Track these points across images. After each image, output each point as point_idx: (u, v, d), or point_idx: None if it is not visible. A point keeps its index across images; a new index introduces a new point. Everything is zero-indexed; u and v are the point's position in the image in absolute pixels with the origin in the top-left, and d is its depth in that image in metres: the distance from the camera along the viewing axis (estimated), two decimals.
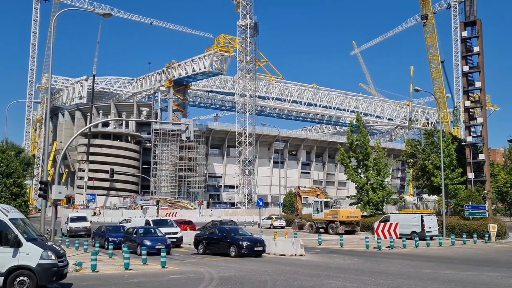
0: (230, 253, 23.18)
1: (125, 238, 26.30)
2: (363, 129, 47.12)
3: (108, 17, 24.27)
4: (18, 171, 25.17)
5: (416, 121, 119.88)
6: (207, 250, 24.77)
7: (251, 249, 23.03)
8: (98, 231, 30.43)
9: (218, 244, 24.31)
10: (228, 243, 23.59)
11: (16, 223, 12.87)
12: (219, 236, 24.59)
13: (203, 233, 26.76)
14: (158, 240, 24.85)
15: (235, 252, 23.00)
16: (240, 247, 22.96)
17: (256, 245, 23.26)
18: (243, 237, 23.97)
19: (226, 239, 23.94)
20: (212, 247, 24.68)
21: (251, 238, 24.19)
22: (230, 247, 23.38)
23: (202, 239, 25.44)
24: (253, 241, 23.67)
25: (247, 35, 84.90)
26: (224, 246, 23.88)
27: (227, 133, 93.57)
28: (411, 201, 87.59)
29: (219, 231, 25.31)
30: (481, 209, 35.16)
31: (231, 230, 25.29)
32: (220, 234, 24.73)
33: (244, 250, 22.88)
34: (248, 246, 23.05)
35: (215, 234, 25.22)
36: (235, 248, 23.11)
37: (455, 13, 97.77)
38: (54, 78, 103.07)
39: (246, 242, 23.17)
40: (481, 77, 51.10)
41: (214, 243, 24.64)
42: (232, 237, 23.88)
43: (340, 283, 14.89)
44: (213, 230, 26.39)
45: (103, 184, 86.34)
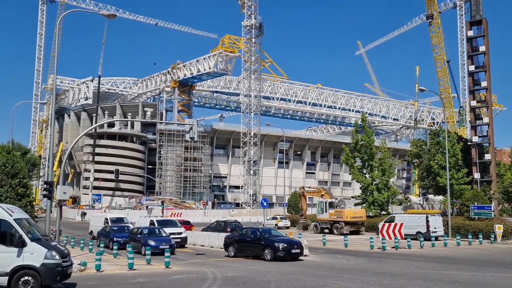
0: (265, 256, 21.63)
1: (130, 238, 26.29)
2: (368, 129, 47.01)
3: (112, 18, 24.35)
4: (24, 171, 25.27)
5: (422, 121, 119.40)
6: (238, 253, 23.29)
7: (288, 252, 21.39)
8: (103, 231, 30.50)
9: (251, 246, 22.77)
10: (263, 245, 21.96)
11: (20, 223, 12.95)
12: (252, 238, 23.03)
13: (233, 234, 25.29)
14: (162, 240, 24.72)
15: (271, 255, 21.38)
16: (276, 250, 21.37)
17: (293, 247, 21.64)
18: (279, 239, 22.41)
19: (259, 240, 22.33)
20: (244, 250, 23.19)
21: (288, 240, 22.80)
22: (264, 250, 21.80)
23: (233, 241, 23.92)
24: (290, 243, 22.09)
25: (252, 35, 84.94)
26: (257, 248, 22.29)
27: (232, 134, 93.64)
28: (416, 201, 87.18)
29: (252, 232, 23.77)
30: (487, 209, 34.97)
31: (264, 231, 23.72)
32: (253, 235, 23.19)
33: (280, 252, 21.28)
34: (285, 248, 21.43)
35: (247, 235, 23.69)
36: (270, 251, 21.50)
37: (460, 12, 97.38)
38: (60, 79, 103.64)
39: (283, 244, 21.57)
40: (487, 76, 50.86)
41: (246, 245, 23.12)
42: (267, 239, 22.27)
43: (344, 284, 14.85)
44: (244, 231, 24.85)
45: (108, 185, 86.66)
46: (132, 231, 27.36)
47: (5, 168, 24.12)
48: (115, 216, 37.72)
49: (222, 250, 27.83)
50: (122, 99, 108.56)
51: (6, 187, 23.73)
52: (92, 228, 36.51)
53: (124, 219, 35.93)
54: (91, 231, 36.74)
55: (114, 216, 37.64)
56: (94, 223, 37.62)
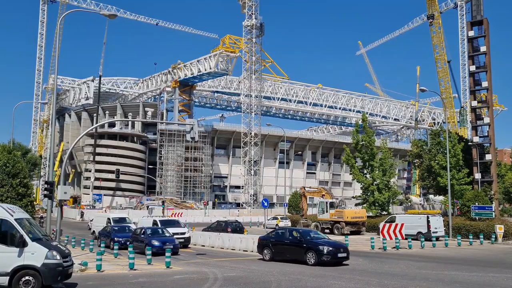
0: (308, 260, 19.88)
1: (133, 239, 26.04)
2: (368, 129, 46.98)
3: (113, 18, 24.35)
4: (24, 171, 25.30)
5: (423, 121, 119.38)
6: (275, 256, 21.67)
7: (334, 256, 19.68)
8: (103, 231, 30.40)
9: (291, 249, 21.03)
10: (305, 248, 20.20)
11: (21, 223, 12.96)
12: (292, 240, 21.25)
13: (269, 235, 23.27)
14: (166, 240, 24.43)
15: (315, 259, 19.63)
16: (320, 253, 19.60)
17: (339, 251, 19.95)
18: (323, 241, 20.73)
19: (301, 243, 20.55)
20: (282, 253, 21.52)
21: (333, 243, 20.90)
22: (307, 253, 19.98)
23: (269, 243, 22.18)
24: (335, 246, 20.35)
25: (253, 35, 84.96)
26: (298, 251, 20.53)
27: (232, 134, 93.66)
28: (417, 201, 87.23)
29: (291, 233, 21.86)
30: (487, 209, 34.96)
31: (305, 232, 21.94)
32: (292, 237, 21.38)
33: (325, 256, 19.57)
34: (330, 252, 19.67)
35: (285, 237, 21.82)
36: (314, 255, 19.74)
37: (461, 12, 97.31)
38: (61, 79, 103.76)
39: (328, 247, 19.85)
40: (488, 77, 50.74)
41: (284, 248, 21.38)
42: (309, 241, 20.49)
43: (344, 284, 14.84)
44: (281, 232, 22.93)
45: (109, 184, 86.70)
46: (135, 231, 27.17)
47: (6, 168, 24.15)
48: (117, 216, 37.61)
49: (223, 250, 27.88)
50: (123, 99, 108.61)
51: (7, 187, 23.76)
52: (95, 228, 36.47)
53: (126, 219, 35.96)
54: (93, 231, 36.72)
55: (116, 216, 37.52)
56: (96, 222, 37.59)
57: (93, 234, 35.82)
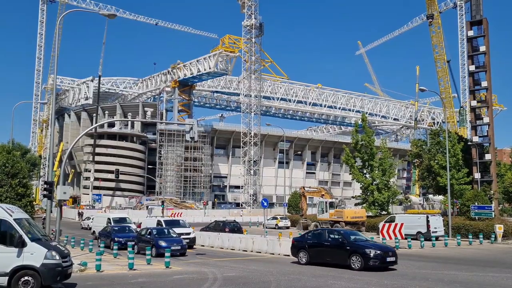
0: (352, 265, 18.18)
1: (138, 239, 25.51)
2: (368, 129, 47.00)
3: (112, 18, 24.33)
4: (24, 171, 25.30)
5: (422, 121, 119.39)
6: (312, 260, 19.82)
7: (382, 260, 17.94)
8: (104, 232, 30.22)
9: (332, 252, 19.28)
10: (348, 251, 18.49)
11: (20, 223, 12.94)
12: (332, 242, 19.54)
13: (305, 237, 21.50)
14: (173, 241, 23.88)
15: (360, 264, 17.97)
16: (367, 257, 17.91)
17: (388, 255, 18.17)
18: (369, 244, 19.18)
19: (343, 245, 18.84)
20: (320, 256, 19.70)
21: (380, 246, 19.52)
22: (351, 257, 18.28)
23: (305, 245, 20.40)
24: (383, 249, 18.70)
25: (252, 35, 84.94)
26: (340, 255, 18.80)
27: (232, 133, 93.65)
28: (416, 201, 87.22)
29: (331, 234, 20.10)
30: (487, 209, 34.99)
31: (347, 234, 20.07)
32: (333, 238, 19.68)
33: (372, 261, 17.85)
34: (378, 255, 17.93)
35: (324, 238, 20.04)
36: (359, 258, 18.04)
37: (461, 12, 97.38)
38: (60, 79, 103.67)
39: (375, 250, 18.15)
40: (487, 76, 50.79)
41: (324, 251, 19.61)
42: (353, 243, 18.79)
43: (344, 284, 14.84)
44: (320, 232, 21.18)
45: (108, 185, 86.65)
46: (140, 232, 26.70)
47: (5, 168, 24.14)
48: (117, 216, 37.56)
49: (223, 250, 27.84)
50: (122, 99, 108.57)
51: (6, 187, 23.76)
52: (95, 228, 36.35)
53: (126, 219, 35.90)
54: (93, 231, 36.60)
55: (116, 216, 37.47)
56: (96, 223, 37.46)
57: (93, 234, 35.75)
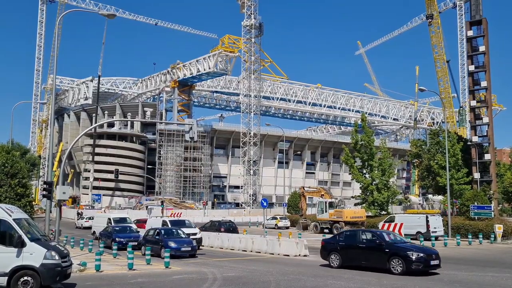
0: (392, 269, 16.82)
1: (145, 240, 24.80)
2: (368, 129, 46.99)
3: (112, 18, 24.33)
4: (23, 171, 25.30)
5: (422, 121, 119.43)
6: (345, 263, 18.40)
7: (426, 264, 16.66)
8: (104, 232, 30.04)
9: (368, 254, 17.87)
10: (388, 254, 17.08)
11: (20, 223, 12.93)
12: (368, 243, 18.06)
13: (336, 238, 19.89)
14: (183, 242, 23.26)
15: (402, 268, 16.59)
16: (409, 261, 16.53)
17: (432, 258, 16.84)
18: (410, 246, 17.73)
19: (381, 247, 17.42)
20: (355, 258, 18.27)
21: (423, 248, 18.13)
22: (391, 260, 16.90)
23: (337, 247, 18.92)
24: (426, 251, 17.32)
25: (252, 35, 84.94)
26: (379, 258, 17.34)
27: (231, 134, 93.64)
28: (416, 201, 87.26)
29: (366, 235, 18.60)
30: (486, 209, 34.98)
31: (383, 234, 18.68)
32: (369, 240, 18.22)
33: (415, 264, 16.54)
34: (421, 259, 16.63)
35: (358, 240, 18.52)
36: (400, 262, 16.66)
37: (460, 12, 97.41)
38: (60, 79, 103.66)
39: (418, 253, 16.81)
40: (487, 76, 50.83)
41: (359, 253, 18.13)
42: (393, 245, 17.46)
43: (344, 284, 14.84)
44: (354, 233, 19.45)
45: (108, 185, 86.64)
46: (148, 232, 25.95)
47: (5, 168, 24.15)
48: (118, 216, 37.34)
49: (222, 250, 27.80)
50: (122, 99, 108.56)
51: (5, 187, 23.76)
52: (95, 228, 36.00)
53: (127, 219, 35.73)
54: (93, 231, 36.36)
55: (117, 216, 37.25)
56: (96, 223, 37.14)
57: (93, 234, 35.59)
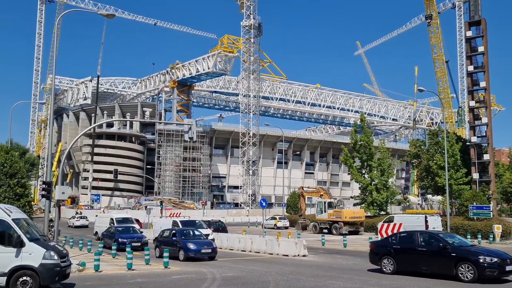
0: (461, 275, 14.83)
1: (160, 242, 23.69)
2: (367, 129, 47.06)
3: (111, 18, 24.31)
4: (22, 171, 25.30)
5: (421, 121, 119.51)
6: (401, 268, 16.45)
7: (500, 270, 14.56)
8: (107, 232, 29.42)
9: (430, 259, 15.72)
10: (454, 258, 15.07)
11: (19, 223, 12.92)
12: (429, 247, 15.95)
13: (389, 240, 17.85)
14: (203, 243, 22.04)
15: (473, 274, 14.56)
16: (481, 267, 14.48)
17: (507, 263, 14.74)
18: (479, 249, 15.94)
19: (446, 251, 15.34)
20: (414, 264, 16.22)
21: (495, 252, 15.58)
22: (458, 266, 14.88)
23: (390, 251, 16.87)
24: (500, 256, 15.05)
25: (251, 35, 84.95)
26: (443, 263, 15.34)
27: (231, 134, 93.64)
28: (415, 201, 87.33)
29: (428, 237, 16.54)
30: (485, 209, 35.02)
31: (447, 237, 16.53)
32: (430, 242, 16.11)
33: (488, 270, 14.48)
34: (494, 264, 14.53)
35: (417, 242, 16.44)
36: (470, 268, 14.63)
37: (459, 12, 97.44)
38: (59, 79, 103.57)
39: (490, 257, 14.72)
40: (486, 77, 50.90)
41: (418, 258, 16.04)
42: (460, 249, 15.48)
43: (343, 284, 14.85)
44: (411, 235, 17.19)
45: (107, 185, 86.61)
46: (162, 233, 24.74)
47: (4, 168, 24.14)
48: (121, 216, 36.78)
49: (221, 250, 27.66)
50: (121, 99, 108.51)
51: (4, 187, 23.75)
52: (97, 229, 35.08)
53: (129, 219, 35.14)
54: (96, 231, 35.51)
55: (120, 216, 36.65)
56: (99, 223, 36.11)
57: (96, 235, 35.03)
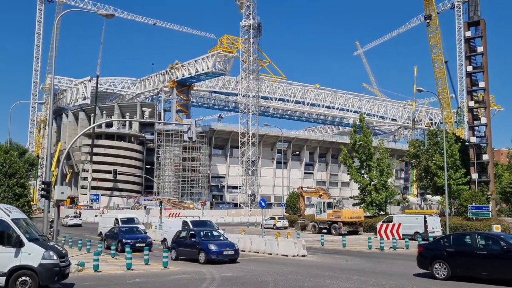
0: None
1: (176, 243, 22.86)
2: (366, 129, 47.09)
3: (110, 18, 24.32)
4: (21, 171, 25.32)
5: (420, 122, 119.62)
6: (456, 273, 14.63)
7: None
8: (111, 233, 28.34)
9: (492, 263, 13.74)
10: None
11: (18, 223, 12.91)
12: (490, 250, 14.01)
13: (441, 242, 15.83)
14: (225, 245, 21.10)
15: None
16: None
17: None
18: None
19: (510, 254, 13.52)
20: (472, 269, 14.27)
21: None
22: None
23: (443, 253, 15.07)
24: None
25: (250, 35, 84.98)
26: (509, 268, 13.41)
27: (230, 134, 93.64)
28: (414, 201, 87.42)
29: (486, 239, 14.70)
30: (484, 209, 35.09)
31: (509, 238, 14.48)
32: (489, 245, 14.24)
33: None
34: None
35: (475, 245, 14.48)
36: None
37: (458, 13, 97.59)
38: (58, 79, 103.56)
39: None
40: (485, 77, 50.97)
41: (478, 262, 14.06)
42: None
43: (342, 284, 14.85)
44: (470, 237, 15.16)
45: (106, 185, 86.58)
46: (179, 234, 23.67)
47: (3, 168, 24.15)
48: (125, 216, 35.73)
49: None
50: (120, 99, 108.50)
51: (3, 187, 23.77)
52: (102, 229, 33.96)
53: (134, 219, 34.22)
54: (100, 232, 34.33)
55: (124, 216, 35.58)
56: (103, 223, 35.23)
57: (100, 235, 33.59)
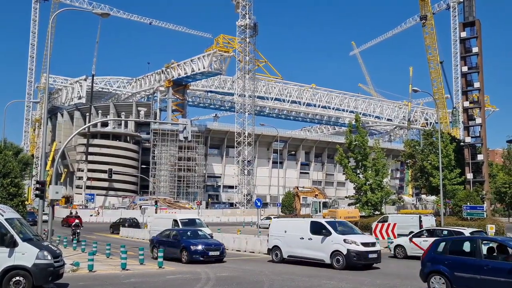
0: None
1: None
2: (362, 129, 47.17)
3: (106, 17, 24.26)
4: (16, 171, 25.13)
5: (415, 122, 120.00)
6: None
7: None
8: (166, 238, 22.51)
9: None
10: None
11: (12, 223, 12.82)
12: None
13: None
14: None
15: None
16: None
17: None
18: None
19: None
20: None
21: None
22: None
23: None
24: None
25: (246, 35, 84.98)
26: None
27: (226, 133, 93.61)
28: (409, 201, 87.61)
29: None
30: (479, 209, 35.21)
31: None
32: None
33: None
34: None
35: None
36: None
37: (454, 13, 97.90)
38: (53, 78, 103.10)
39: None
40: (480, 77, 51.22)
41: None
42: None
43: (337, 284, 14.87)
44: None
45: (102, 184, 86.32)
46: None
47: None
48: (186, 218, 28.62)
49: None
50: (116, 98, 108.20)
51: None
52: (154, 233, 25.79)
53: (196, 221, 27.77)
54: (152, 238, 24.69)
55: (185, 218, 28.41)
56: (156, 226, 28.01)
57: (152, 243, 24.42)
